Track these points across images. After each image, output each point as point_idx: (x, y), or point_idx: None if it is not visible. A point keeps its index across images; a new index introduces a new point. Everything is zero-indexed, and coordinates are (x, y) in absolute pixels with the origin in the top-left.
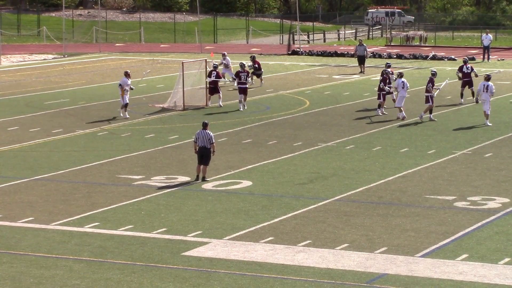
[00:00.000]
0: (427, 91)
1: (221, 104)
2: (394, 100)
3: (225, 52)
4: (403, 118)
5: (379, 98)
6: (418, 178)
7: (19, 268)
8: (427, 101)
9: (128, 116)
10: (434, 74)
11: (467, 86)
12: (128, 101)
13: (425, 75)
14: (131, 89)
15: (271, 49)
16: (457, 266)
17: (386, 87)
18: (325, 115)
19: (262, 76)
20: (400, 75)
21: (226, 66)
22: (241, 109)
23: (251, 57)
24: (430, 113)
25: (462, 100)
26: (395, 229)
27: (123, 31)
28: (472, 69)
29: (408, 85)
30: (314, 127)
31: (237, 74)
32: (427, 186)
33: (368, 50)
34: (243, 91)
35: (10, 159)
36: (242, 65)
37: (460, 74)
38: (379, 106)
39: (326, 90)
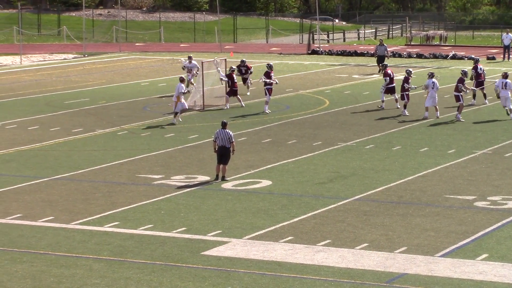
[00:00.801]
0: (457, 90)
1: (243, 104)
2: (396, 100)
3: (191, 55)
4: (424, 118)
5: (402, 98)
6: (438, 178)
7: (39, 267)
8: (458, 99)
9: (180, 120)
10: (465, 74)
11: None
12: (187, 107)
13: (445, 75)
14: (183, 93)
15: (290, 49)
16: (477, 266)
17: (412, 86)
18: (344, 114)
19: (249, 82)
20: (431, 75)
21: (190, 71)
22: (267, 111)
23: (241, 61)
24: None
25: (475, 100)
26: (415, 229)
27: (143, 30)
28: (483, 71)
29: (438, 85)
30: (334, 127)
31: (268, 75)
32: (447, 186)
33: (388, 49)
34: (270, 91)
35: (31, 158)
36: (270, 66)
37: (474, 73)
38: (405, 106)
39: (346, 89)
